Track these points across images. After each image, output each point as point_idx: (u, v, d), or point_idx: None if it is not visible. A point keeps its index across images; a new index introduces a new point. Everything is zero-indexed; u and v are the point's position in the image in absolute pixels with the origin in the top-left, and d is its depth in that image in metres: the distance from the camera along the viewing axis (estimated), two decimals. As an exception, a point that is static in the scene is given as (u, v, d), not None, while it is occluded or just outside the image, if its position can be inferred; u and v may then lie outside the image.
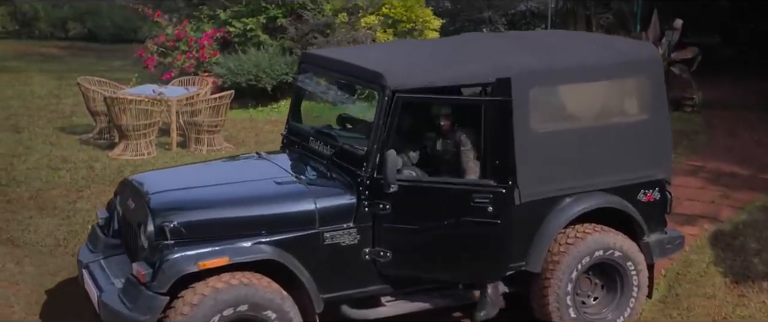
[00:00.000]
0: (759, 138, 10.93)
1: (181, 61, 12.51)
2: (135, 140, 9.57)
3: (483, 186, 4.78)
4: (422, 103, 5.05)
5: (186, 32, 12.66)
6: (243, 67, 11.98)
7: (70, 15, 21.29)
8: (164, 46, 12.79)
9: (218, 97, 10.02)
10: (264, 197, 4.86)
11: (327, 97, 5.69)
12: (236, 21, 12.65)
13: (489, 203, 4.71)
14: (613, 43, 5.74)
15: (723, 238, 7.28)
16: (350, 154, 4.98)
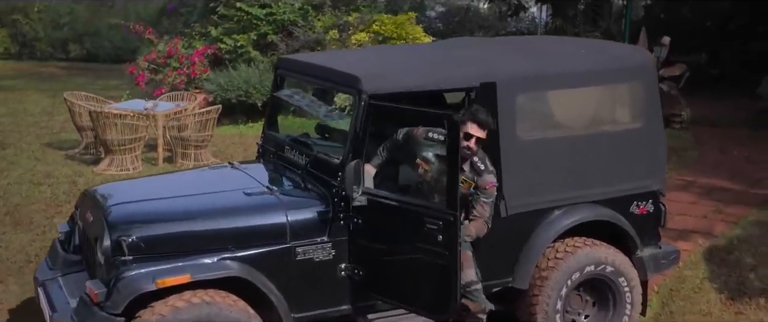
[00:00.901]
0: (748, 154, 10.48)
1: (172, 77, 12.05)
2: (120, 155, 9.08)
3: (434, 210, 4.10)
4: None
5: (177, 49, 12.22)
6: (233, 83, 11.55)
7: (69, 36, 20.89)
8: (155, 62, 12.33)
9: (205, 112, 9.55)
10: (231, 210, 4.35)
11: (303, 104, 5.20)
12: (227, 38, 12.21)
13: (438, 230, 4.04)
14: (605, 48, 5.26)
15: (717, 253, 6.80)
16: (325, 164, 4.48)
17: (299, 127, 5.65)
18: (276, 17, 12.02)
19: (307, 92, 5.26)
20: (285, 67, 5.19)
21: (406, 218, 4.15)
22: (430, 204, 4.14)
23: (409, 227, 4.14)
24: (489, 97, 4.37)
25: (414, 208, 4.14)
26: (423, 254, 4.08)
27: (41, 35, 20.85)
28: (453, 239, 3.96)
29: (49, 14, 20.93)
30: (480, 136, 4.22)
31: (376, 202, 4.19)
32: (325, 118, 5.23)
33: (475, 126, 4.20)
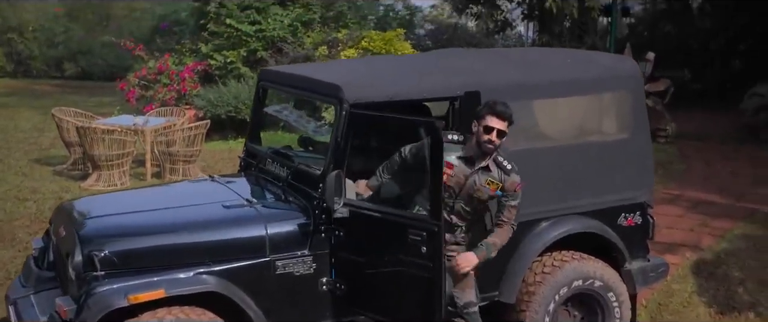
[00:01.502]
0: (733, 168, 10.33)
1: (162, 93, 11.83)
2: (108, 171, 8.83)
3: (417, 221, 3.86)
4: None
5: (167, 65, 12.01)
6: (223, 99, 11.34)
7: (64, 54, 20.67)
8: (146, 79, 12.11)
9: (194, 127, 9.32)
10: (209, 223, 4.11)
11: (291, 119, 4.99)
12: (217, 54, 12.02)
13: (422, 241, 3.79)
14: (591, 58, 5.05)
15: (705, 267, 6.60)
16: (306, 175, 4.25)
17: (289, 142, 5.40)
18: (266, 34, 11.84)
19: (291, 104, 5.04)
20: (267, 79, 4.98)
21: (388, 229, 3.92)
22: (414, 215, 3.92)
23: (391, 238, 3.91)
24: (474, 107, 4.15)
25: (397, 219, 3.92)
26: (406, 267, 3.85)
27: (36, 54, 20.64)
28: (437, 251, 3.73)
29: (44, 33, 20.73)
30: (501, 128, 3.92)
31: (358, 213, 3.97)
32: (315, 133, 5.02)
33: (495, 118, 3.90)
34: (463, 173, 4.01)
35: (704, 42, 16.31)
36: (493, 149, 3.97)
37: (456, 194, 4.02)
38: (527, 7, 12.49)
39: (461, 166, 4.00)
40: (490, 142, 3.93)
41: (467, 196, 4.03)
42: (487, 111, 3.93)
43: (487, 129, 3.93)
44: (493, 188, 4.03)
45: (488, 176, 4.02)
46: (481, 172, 4.02)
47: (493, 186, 4.03)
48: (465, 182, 4.00)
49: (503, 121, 3.92)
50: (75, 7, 22.00)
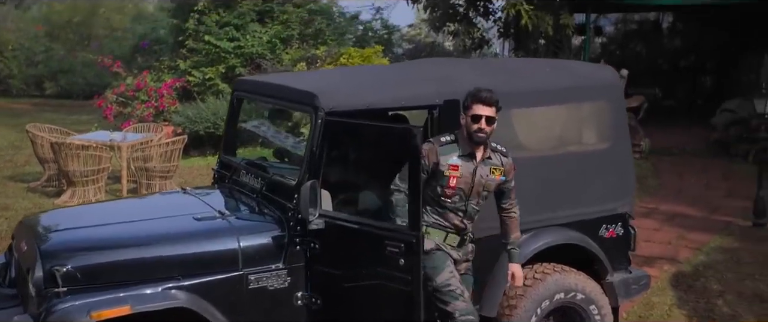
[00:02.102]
0: (706, 182, 10.25)
1: (140, 110, 11.53)
2: (83, 187, 8.51)
3: (395, 232, 3.61)
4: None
5: (146, 82, 11.73)
6: (201, 116, 11.08)
7: (44, 73, 20.27)
8: (124, 96, 11.82)
9: (171, 142, 9.03)
10: (179, 235, 3.85)
11: (269, 135, 4.75)
12: (196, 71, 11.76)
13: (400, 253, 3.54)
14: (571, 67, 4.87)
15: (684, 279, 6.43)
16: (281, 186, 4.02)
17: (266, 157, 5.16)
18: (244, 50, 11.61)
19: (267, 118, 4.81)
20: (242, 89, 4.75)
21: (365, 241, 3.69)
22: (391, 225, 3.69)
23: (368, 250, 3.68)
24: (453, 116, 3.95)
25: (373, 230, 3.69)
26: (384, 280, 3.62)
27: (15, 73, 20.21)
28: (416, 263, 3.51)
29: (24, 52, 20.33)
30: (489, 114, 3.69)
31: (334, 225, 3.74)
32: (294, 148, 4.78)
33: (481, 105, 3.69)
34: (468, 170, 3.79)
35: (674, 60, 16.43)
36: (486, 138, 3.75)
37: (467, 196, 3.81)
38: (503, 25, 12.40)
39: (464, 164, 3.79)
40: (480, 130, 3.70)
41: (477, 193, 3.83)
42: (472, 99, 3.71)
43: (475, 118, 3.70)
44: (498, 175, 3.85)
45: (491, 165, 3.83)
46: (483, 163, 3.82)
47: (498, 173, 3.85)
48: (473, 179, 3.79)
49: (490, 107, 3.70)
50: (56, 26, 21.66)
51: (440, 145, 3.78)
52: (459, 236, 3.87)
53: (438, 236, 3.82)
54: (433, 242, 3.80)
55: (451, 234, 3.85)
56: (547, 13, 11.21)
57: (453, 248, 3.86)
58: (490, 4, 12.48)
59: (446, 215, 3.83)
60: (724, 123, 11.75)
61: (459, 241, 3.87)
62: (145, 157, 8.90)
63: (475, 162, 3.80)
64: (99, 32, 22.24)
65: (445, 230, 3.84)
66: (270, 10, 11.89)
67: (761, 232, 7.79)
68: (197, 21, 11.83)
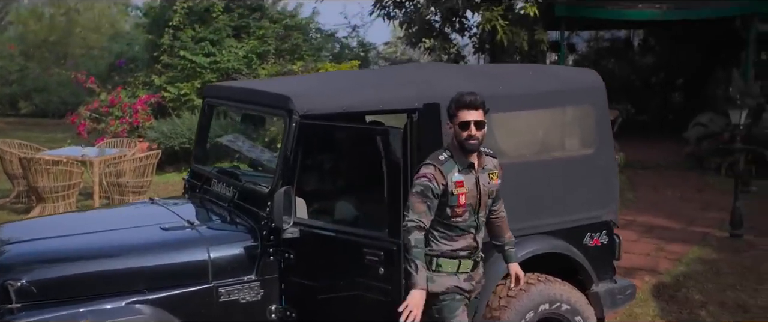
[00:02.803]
0: (682, 194, 10.14)
1: (114, 126, 11.19)
2: (53, 203, 8.13)
3: (374, 240, 3.39)
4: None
5: (120, 98, 11.39)
6: (177, 131, 10.76)
7: (18, 92, 19.77)
8: (98, 112, 11.46)
9: (144, 157, 8.71)
10: (144, 246, 3.57)
11: (244, 149, 4.49)
12: (171, 86, 11.44)
13: (379, 262, 3.32)
14: (554, 71, 4.67)
15: (665, 290, 6.26)
16: (253, 194, 3.76)
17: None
18: (220, 65, 11.34)
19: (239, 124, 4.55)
20: (213, 95, 4.49)
21: (343, 249, 3.44)
22: (370, 233, 3.44)
23: (346, 259, 3.43)
24: (432, 120, 3.72)
25: (351, 238, 3.43)
26: (363, 290, 3.36)
27: (-12, 92, 19.74)
28: (396, 272, 3.25)
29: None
30: (477, 118, 3.35)
31: (309, 233, 3.48)
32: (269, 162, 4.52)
33: (466, 110, 3.35)
34: (471, 183, 3.43)
35: (645, 77, 16.45)
36: (478, 144, 3.39)
37: (476, 209, 3.47)
38: (478, 41, 12.28)
39: (467, 177, 3.42)
40: (471, 138, 3.35)
41: (484, 204, 3.50)
42: (456, 106, 3.38)
43: (463, 125, 3.36)
44: (496, 180, 3.56)
45: (489, 171, 3.53)
46: (482, 171, 3.49)
47: (495, 177, 3.55)
48: (478, 191, 3.45)
49: (477, 110, 3.37)
50: (32, 45, 21.21)
51: (442, 165, 3.38)
52: (471, 260, 3.49)
53: (450, 267, 3.42)
54: (444, 282, 3.39)
55: (464, 260, 3.46)
56: (522, 29, 11.10)
57: (467, 277, 3.47)
58: (465, 20, 12.37)
59: (457, 239, 3.44)
60: (696, 137, 11.69)
61: (472, 265, 3.50)
62: (118, 172, 8.56)
63: (475, 172, 3.47)
64: (75, 51, 21.82)
65: (457, 257, 3.44)
66: (246, 26, 11.65)
67: (738, 243, 7.66)
68: (172, 36, 11.54)
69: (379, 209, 3.45)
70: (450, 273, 3.42)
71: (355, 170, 3.89)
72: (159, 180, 9.93)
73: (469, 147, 3.37)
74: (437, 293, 3.36)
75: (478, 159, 3.46)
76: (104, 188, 8.67)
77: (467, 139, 3.36)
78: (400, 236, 3.25)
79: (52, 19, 22.77)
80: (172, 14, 11.36)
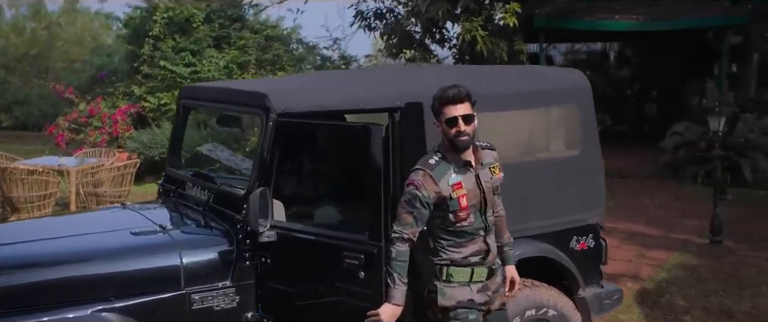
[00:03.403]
0: (660, 202, 10.02)
1: (93, 136, 10.88)
2: (28, 213, 7.82)
3: (354, 242, 3.16)
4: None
5: (99, 108, 11.09)
6: (157, 141, 10.48)
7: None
8: (77, 122, 11.15)
9: (122, 167, 8.44)
10: (112, 252, 3.33)
11: (223, 158, 4.27)
12: (151, 96, 11.16)
13: (359, 266, 3.09)
14: (538, 71, 4.48)
15: (648, 296, 6.10)
16: (229, 197, 3.53)
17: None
18: (200, 75, 11.08)
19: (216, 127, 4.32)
20: (188, 96, 4.27)
21: (321, 253, 3.22)
22: (349, 236, 3.22)
23: (325, 264, 3.20)
24: (415, 119, 3.52)
25: (330, 241, 3.21)
26: (343, 296, 3.13)
27: (-32, 105, 19.28)
28: (378, 276, 3.03)
29: (-25, 85, 19.44)
30: (465, 112, 3.06)
31: (287, 236, 3.25)
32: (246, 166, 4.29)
33: (451, 106, 3.05)
34: (471, 182, 3.14)
35: (621, 89, 16.45)
36: (470, 140, 3.10)
37: (482, 210, 3.17)
38: (458, 52, 12.14)
39: (465, 177, 3.13)
40: (461, 134, 3.06)
41: (490, 201, 3.20)
42: (440, 102, 3.09)
43: (450, 122, 3.07)
44: (499, 173, 3.26)
45: (489, 165, 3.23)
46: (481, 167, 3.20)
47: (497, 170, 3.26)
48: (480, 189, 3.16)
49: (463, 104, 3.08)
50: (13, 58, 20.79)
51: (432, 170, 3.09)
52: (486, 267, 3.19)
53: (462, 276, 3.14)
54: (455, 294, 3.12)
55: (477, 268, 3.17)
56: (502, 40, 10.97)
57: (481, 287, 3.18)
58: (446, 31, 12.23)
59: (467, 244, 3.16)
60: (672, 146, 11.62)
61: (487, 273, 3.20)
62: (96, 181, 8.28)
63: (473, 170, 3.17)
64: (57, 65, 21.41)
65: (469, 265, 3.16)
66: (227, 36, 11.41)
67: (718, 249, 7.54)
68: (153, 47, 11.28)
69: (360, 211, 3.23)
70: (462, 284, 3.14)
71: (336, 171, 3.68)
72: (138, 190, 9.63)
73: (461, 144, 3.09)
74: (448, 307, 3.11)
75: (474, 155, 3.18)
76: (81, 198, 8.37)
77: (457, 136, 3.07)
78: (380, 238, 3.03)
79: (33, 32, 22.37)
80: (153, 24, 11.11)
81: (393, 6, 12.58)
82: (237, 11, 11.81)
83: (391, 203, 3.16)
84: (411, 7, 11.75)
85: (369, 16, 12.53)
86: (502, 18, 10.94)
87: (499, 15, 11.17)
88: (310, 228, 3.34)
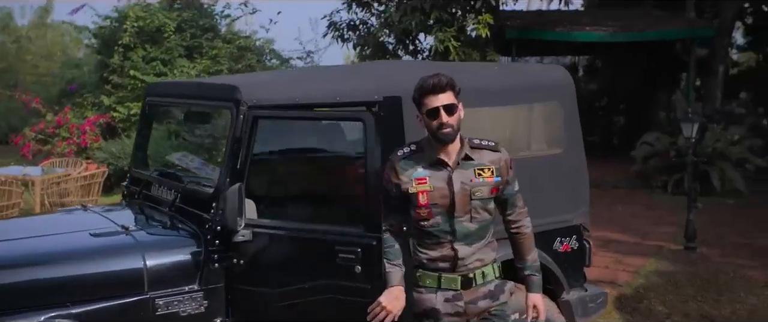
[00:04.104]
0: (632, 211, 9.94)
1: (61, 147, 10.47)
2: (-10, 223, 7.43)
3: (348, 236, 2.97)
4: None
5: (67, 118, 10.69)
6: (126, 151, 10.08)
7: (-36, 118, 18.71)
8: (44, 133, 10.74)
9: (89, 176, 8.09)
10: (69, 254, 3.05)
11: (193, 167, 4.01)
12: (121, 106, 10.78)
13: (355, 260, 2.89)
14: (519, 67, 4.29)
15: (627, 302, 5.94)
16: (197, 196, 3.28)
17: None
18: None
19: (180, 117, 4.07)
20: (155, 94, 4.01)
21: (307, 250, 2.98)
22: (343, 229, 2.97)
23: (313, 261, 2.96)
24: (394, 114, 3.30)
25: (319, 236, 2.97)
26: (337, 293, 2.89)
27: (-68, 120, 18.59)
28: (377, 269, 2.79)
29: (-58, 100, 18.77)
30: (447, 102, 2.78)
31: (265, 235, 3.00)
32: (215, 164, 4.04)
33: (432, 95, 2.78)
34: (441, 180, 2.84)
35: (590, 101, 16.48)
36: (454, 132, 2.82)
37: (450, 212, 2.84)
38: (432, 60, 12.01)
39: (434, 173, 2.84)
40: (443, 126, 2.78)
41: (464, 206, 2.85)
42: (420, 92, 2.83)
43: (431, 113, 2.79)
44: (489, 177, 2.87)
45: (475, 166, 2.87)
46: (461, 166, 2.86)
47: (488, 174, 2.87)
48: (451, 190, 2.83)
49: (444, 93, 2.80)
50: (-19, 71, 20.19)
51: (400, 160, 2.86)
52: (458, 275, 2.85)
53: (430, 281, 2.86)
54: (422, 301, 2.85)
55: (445, 275, 2.85)
56: (474, 50, 10.86)
57: (452, 296, 2.85)
58: (419, 42, 12.08)
59: (434, 248, 2.86)
60: (642, 156, 11.60)
61: (461, 281, 2.85)
62: (62, 191, 7.92)
63: (450, 168, 2.85)
64: (26, 78, 20.82)
65: (437, 270, 2.86)
66: (198, 46, 11.11)
67: (693, 255, 7.43)
68: (123, 56, 10.92)
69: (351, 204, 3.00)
70: (430, 289, 2.86)
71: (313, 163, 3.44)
72: (106, 201, 9.25)
73: (443, 137, 2.80)
74: (417, 314, 2.86)
75: (460, 151, 2.86)
76: (47, 208, 7.99)
77: (439, 129, 2.79)
78: (379, 229, 2.80)
79: (2, 46, 21.77)
80: (123, 34, 10.78)
81: (366, 18, 12.42)
82: (209, 21, 11.52)
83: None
84: (384, 19, 11.60)
85: (342, 28, 12.35)
86: (474, 29, 10.84)
87: (472, 26, 11.07)
88: (294, 224, 3.08)
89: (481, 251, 2.91)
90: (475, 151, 2.90)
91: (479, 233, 2.89)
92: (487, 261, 2.93)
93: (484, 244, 2.91)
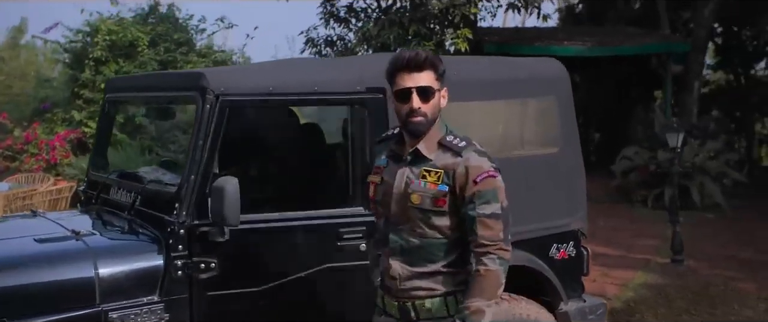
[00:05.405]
0: (614, 225, 9.67)
1: (29, 164, 9.94)
2: (-52, 241, 6.91)
3: (349, 216, 2.70)
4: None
5: (36, 134, 10.17)
6: (96, 168, 9.60)
7: (-68, 136, 17.99)
8: (11, 149, 10.20)
9: (56, 191, 7.63)
10: (9, 262, 2.61)
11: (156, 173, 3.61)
12: (92, 121, 10.27)
13: (362, 238, 2.63)
14: (511, 60, 3.89)
15: (619, 315, 5.65)
16: (159, 196, 2.88)
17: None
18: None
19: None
20: (116, 89, 3.61)
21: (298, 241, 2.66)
22: (345, 210, 2.75)
23: (310, 250, 2.72)
24: (377, 107, 2.96)
25: (320, 223, 2.72)
26: (338, 275, 2.68)
27: None
28: None
29: None
30: (424, 84, 2.21)
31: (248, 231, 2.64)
32: None
33: (406, 74, 2.21)
34: (392, 175, 2.31)
35: (577, 116, 16.36)
36: (426, 123, 2.24)
37: (387, 216, 2.31)
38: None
39: (392, 166, 2.32)
40: (413, 113, 2.21)
41: (402, 213, 2.26)
42: (393, 67, 2.26)
43: (401, 95, 2.23)
44: (433, 184, 2.23)
45: (424, 166, 2.26)
46: (414, 163, 2.28)
47: (432, 180, 2.23)
48: (392, 189, 2.29)
49: (420, 72, 2.22)
50: (-51, 89, 19.46)
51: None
52: (395, 301, 2.28)
53: (379, 301, 2.37)
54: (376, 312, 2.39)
55: (386, 297, 2.32)
56: (454, 63, 10.60)
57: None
58: (396, 54, 11.84)
59: (383, 257, 2.34)
60: (622, 170, 11.39)
61: (398, 308, 2.27)
62: (28, 207, 7.42)
63: (406, 164, 2.29)
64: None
65: (383, 288, 2.35)
66: (173, 60, 10.67)
67: (680, 268, 7.17)
68: (94, 70, 10.45)
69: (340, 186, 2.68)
70: (378, 309, 2.36)
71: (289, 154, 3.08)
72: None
73: (412, 127, 2.24)
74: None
75: (425, 148, 2.28)
76: (10, 225, 7.49)
77: (409, 117, 2.23)
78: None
79: (-26, 66, 21.10)
80: (94, 47, 10.32)
81: (344, 33, 12.15)
82: (184, 35, 11.10)
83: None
84: (362, 34, 11.32)
85: (319, 44, 12.05)
86: (453, 43, 10.59)
87: (451, 40, 10.82)
88: (285, 214, 2.72)
89: (427, 279, 2.25)
90: (440, 150, 2.29)
91: (423, 254, 2.25)
92: (436, 293, 2.25)
93: (433, 269, 2.25)
